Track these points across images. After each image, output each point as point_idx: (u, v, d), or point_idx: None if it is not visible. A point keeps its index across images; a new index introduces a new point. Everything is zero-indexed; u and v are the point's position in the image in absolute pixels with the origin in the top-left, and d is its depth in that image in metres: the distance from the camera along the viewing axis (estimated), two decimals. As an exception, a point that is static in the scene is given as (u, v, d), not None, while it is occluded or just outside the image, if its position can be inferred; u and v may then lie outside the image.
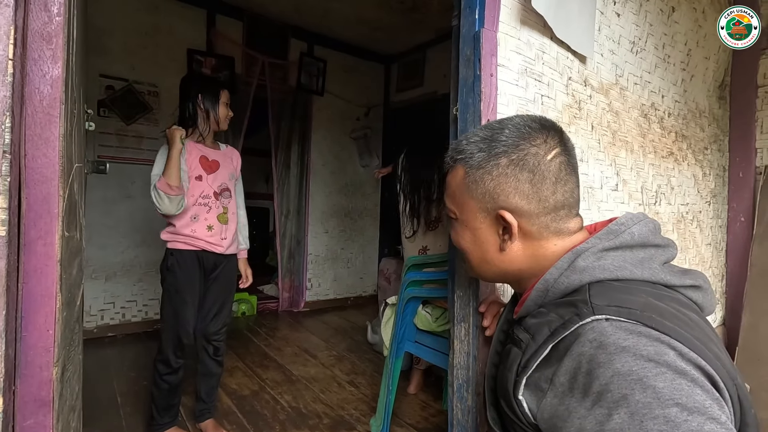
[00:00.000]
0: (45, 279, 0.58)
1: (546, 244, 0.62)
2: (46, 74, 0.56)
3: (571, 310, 0.52)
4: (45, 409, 0.58)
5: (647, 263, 0.57)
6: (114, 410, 1.85)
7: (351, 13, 3.18)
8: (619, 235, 0.58)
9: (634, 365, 0.43)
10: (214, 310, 1.68)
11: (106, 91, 2.70)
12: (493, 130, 0.63)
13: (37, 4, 0.54)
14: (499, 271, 0.66)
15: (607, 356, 0.44)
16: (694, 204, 1.74)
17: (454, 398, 0.99)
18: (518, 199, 0.60)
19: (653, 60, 1.46)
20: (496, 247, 0.64)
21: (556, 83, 1.10)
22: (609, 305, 0.49)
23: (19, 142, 0.54)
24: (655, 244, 0.60)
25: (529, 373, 0.54)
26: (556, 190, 0.60)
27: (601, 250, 0.57)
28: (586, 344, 0.47)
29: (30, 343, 0.57)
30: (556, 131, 0.62)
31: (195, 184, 1.59)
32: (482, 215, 0.64)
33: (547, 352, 0.52)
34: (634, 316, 0.47)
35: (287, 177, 3.60)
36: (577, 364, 0.47)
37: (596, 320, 0.49)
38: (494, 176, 0.61)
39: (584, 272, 0.56)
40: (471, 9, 0.94)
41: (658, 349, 0.44)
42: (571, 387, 0.47)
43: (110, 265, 2.79)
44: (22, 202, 0.56)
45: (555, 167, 0.60)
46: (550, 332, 0.52)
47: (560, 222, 0.61)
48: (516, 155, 0.60)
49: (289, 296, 3.64)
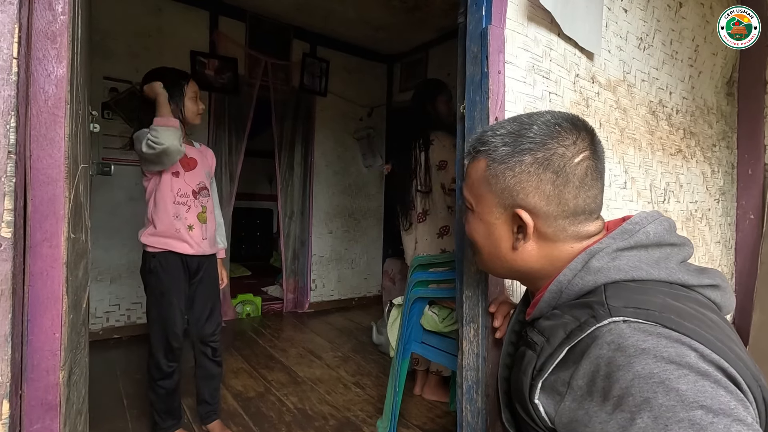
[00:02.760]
0: (51, 281, 0.58)
1: (561, 246, 0.60)
2: (51, 74, 0.55)
3: (587, 312, 0.51)
4: (52, 413, 0.58)
5: (663, 263, 0.55)
6: (120, 412, 1.84)
7: (353, 13, 3.17)
8: (633, 235, 0.57)
9: (655, 367, 0.42)
10: (206, 312, 1.66)
11: (110, 94, 2.71)
12: (522, 125, 0.60)
13: (41, 3, 0.53)
14: (510, 269, 0.65)
15: (627, 359, 0.43)
16: (703, 202, 1.72)
17: (464, 400, 0.97)
18: (538, 199, 0.58)
19: (661, 56, 1.44)
20: (509, 245, 0.63)
21: (563, 80, 1.09)
22: (626, 306, 0.48)
23: (24, 142, 0.53)
24: (671, 242, 0.58)
25: (545, 377, 0.53)
26: (579, 195, 0.58)
27: (616, 250, 0.56)
28: (604, 347, 0.46)
29: (36, 347, 0.57)
30: (588, 133, 0.60)
31: (172, 180, 1.54)
32: (499, 210, 0.62)
33: (563, 355, 0.51)
34: (652, 318, 0.46)
35: (291, 178, 3.59)
36: (595, 368, 0.46)
37: (614, 322, 0.47)
38: (516, 173, 0.59)
39: (599, 273, 0.55)
40: (478, 6, 0.93)
41: (679, 351, 0.43)
42: (590, 391, 0.46)
43: (115, 267, 2.79)
44: (28, 204, 0.55)
45: (581, 171, 0.58)
46: (566, 335, 0.51)
47: (578, 226, 0.60)
48: (542, 154, 0.58)
49: (294, 297, 3.64)
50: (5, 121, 0.48)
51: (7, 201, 0.51)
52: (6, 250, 0.51)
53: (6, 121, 0.48)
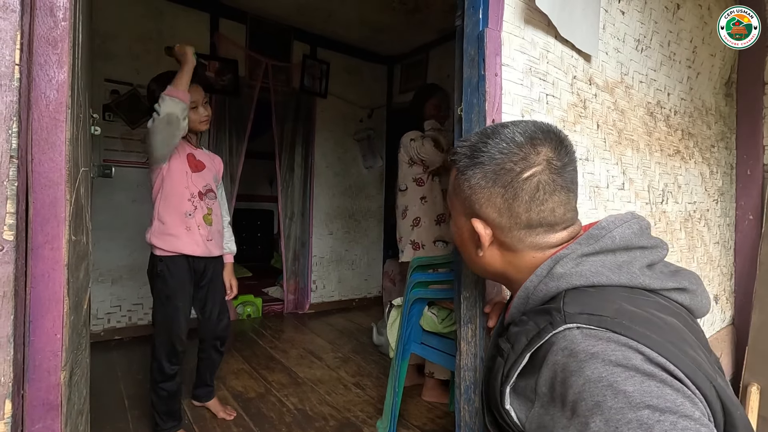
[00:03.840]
0: (52, 283, 0.58)
1: (523, 255, 0.62)
2: (52, 79, 0.56)
3: (546, 318, 0.52)
4: (53, 413, 0.58)
5: (626, 267, 0.55)
6: (121, 413, 1.85)
7: (353, 14, 3.18)
8: (599, 240, 0.57)
9: (603, 371, 0.43)
10: (216, 311, 1.72)
11: (111, 96, 2.72)
12: (482, 138, 0.62)
13: (42, 9, 0.54)
14: (485, 271, 0.68)
15: (578, 364, 0.45)
16: (702, 202, 1.72)
17: (462, 400, 0.98)
18: (490, 210, 0.60)
19: (658, 58, 1.45)
20: (474, 250, 0.66)
21: (560, 82, 1.09)
22: (581, 313, 0.49)
23: (26, 146, 0.54)
24: (640, 246, 0.58)
25: (511, 383, 0.53)
26: (531, 209, 0.58)
27: (581, 256, 0.56)
28: (559, 353, 0.47)
29: (38, 347, 0.57)
30: (551, 146, 0.59)
31: (181, 176, 1.57)
32: (464, 219, 0.65)
33: (526, 362, 0.52)
34: (603, 324, 0.47)
35: (291, 179, 3.60)
36: (553, 374, 0.47)
37: (568, 329, 0.49)
38: (472, 184, 0.61)
39: (561, 279, 0.55)
40: (475, 9, 0.93)
41: (625, 354, 0.44)
42: (552, 397, 0.47)
43: (117, 268, 2.80)
44: (30, 207, 0.56)
45: (531, 186, 0.58)
46: (527, 341, 0.52)
47: (536, 237, 0.60)
48: (491, 168, 0.59)
49: (294, 298, 3.64)
50: (8, 126, 0.49)
51: (9, 204, 0.52)
52: (8, 253, 0.52)
53: (8, 126, 0.49)
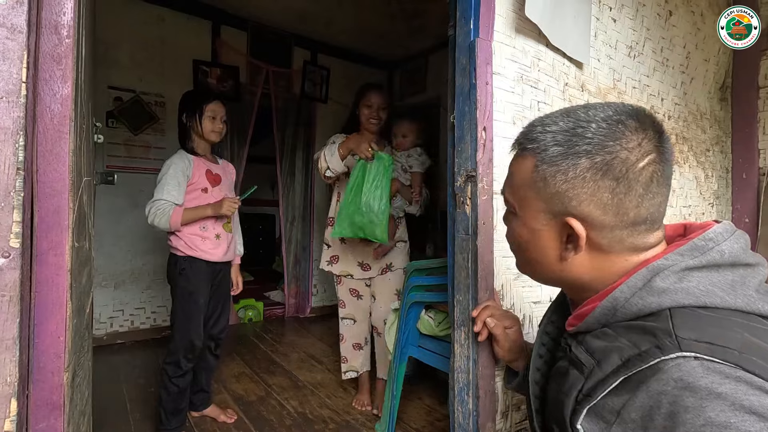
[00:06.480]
0: (56, 288, 0.61)
1: (615, 259, 0.54)
2: (57, 93, 0.59)
3: (649, 339, 0.45)
4: (56, 412, 0.61)
5: (740, 288, 0.48)
6: (123, 416, 1.87)
7: (353, 21, 3.22)
8: (706, 253, 0.50)
9: (732, 417, 0.37)
10: (217, 312, 1.78)
11: (114, 103, 2.76)
12: (578, 122, 0.53)
13: (47, 28, 0.57)
14: (555, 279, 0.60)
15: (698, 401, 0.39)
16: (697, 206, 1.74)
17: (455, 401, 1.00)
18: (593, 208, 0.51)
19: (651, 64, 1.47)
20: (556, 255, 0.57)
21: (552, 89, 1.12)
22: (699, 341, 0.43)
23: (32, 158, 0.57)
24: (746, 263, 0.50)
25: (593, 403, 0.48)
26: (641, 204, 0.51)
27: (684, 269, 0.49)
28: (669, 383, 0.41)
29: (42, 350, 0.60)
30: (656, 130, 0.52)
31: (201, 196, 1.68)
32: (546, 217, 0.55)
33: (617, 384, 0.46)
34: (731, 358, 0.41)
35: (292, 184, 3.64)
36: (655, 403, 0.42)
37: (683, 357, 0.42)
38: (569, 178, 0.52)
39: (663, 295, 0.48)
40: (466, 19, 0.96)
41: (763, 402, 0.38)
42: (645, 426, 0.42)
43: (119, 273, 2.83)
44: (34, 215, 0.58)
45: (646, 177, 0.50)
46: (622, 362, 0.46)
47: (637, 237, 0.53)
48: (600, 158, 0.50)
49: (296, 302, 3.66)
50: (14, 140, 0.52)
51: (16, 214, 0.55)
52: (15, 259, 0.55)
53: (15, 140, 0.52)
